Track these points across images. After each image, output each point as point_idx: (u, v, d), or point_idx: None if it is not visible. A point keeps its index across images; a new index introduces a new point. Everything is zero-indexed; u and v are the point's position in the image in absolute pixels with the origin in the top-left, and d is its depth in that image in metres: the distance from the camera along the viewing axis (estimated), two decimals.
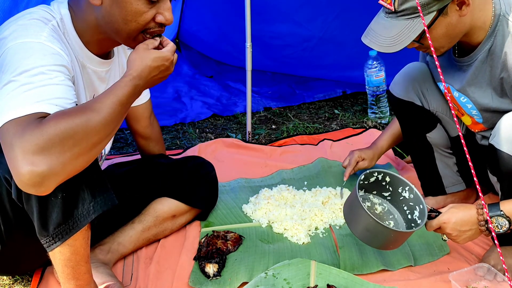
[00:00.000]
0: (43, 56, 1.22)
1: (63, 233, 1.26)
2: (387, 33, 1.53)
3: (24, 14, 1.34)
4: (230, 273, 1.70)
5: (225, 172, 2.31)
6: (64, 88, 1.22)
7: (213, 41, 3.89)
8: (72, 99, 1.23)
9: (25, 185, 1.11)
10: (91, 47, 1.44)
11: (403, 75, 1.92)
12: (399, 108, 1.96)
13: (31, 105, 1.14)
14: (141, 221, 1.82)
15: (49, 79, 1.19)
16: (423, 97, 1.89)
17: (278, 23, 3.40)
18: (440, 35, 1.54)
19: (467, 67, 1.66)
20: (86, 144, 1.15)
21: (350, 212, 1.62)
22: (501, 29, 1.54)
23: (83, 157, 1.17)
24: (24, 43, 1.23)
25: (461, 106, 1.76)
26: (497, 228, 1.46)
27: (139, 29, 1.35)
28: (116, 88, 1.26)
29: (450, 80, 1.74)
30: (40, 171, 1.08)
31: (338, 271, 1.66)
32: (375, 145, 2.15)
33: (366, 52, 2.94)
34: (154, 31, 1.37)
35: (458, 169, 2.01)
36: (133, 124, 1.90)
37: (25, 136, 1.09)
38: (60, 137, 1.10)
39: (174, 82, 3.59)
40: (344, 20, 3.18)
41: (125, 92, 1.26)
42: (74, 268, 1.33)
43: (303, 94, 3.43)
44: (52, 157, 1.09)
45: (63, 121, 1.12)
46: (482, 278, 1.59)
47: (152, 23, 1.36)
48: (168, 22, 1.37)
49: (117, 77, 1.66)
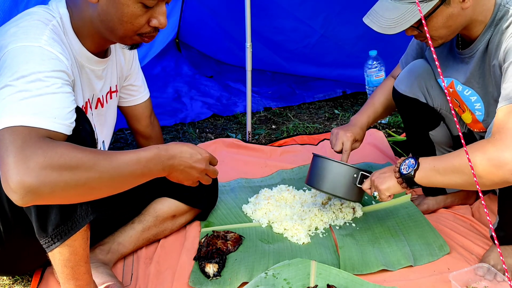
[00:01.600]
0: (41, 61, 1.21)
1: (62, 234, 1.26)
2: (389, 15, 1.55)
3: (24, 15, 1.34)
4: (230, 273, 1.70)
5: (225, 172, 2.31)
6: (62, 96, 1.20)
7: (213, 39, 3.90)
8: (70, 106, 1.22)
9: (9, 190, 1.09)
10: (88, 46, 1.44)
11: (408, 72, 1.92)
12: (403, 105, 1.95)
13: (28, 116, 1.12)
14: (141, 221, 1.82)
15: (46, 87, 1.18)
16: (428, 94, 1.89)
17: (280, 18, 3.40)
18: (440, 24, 1.55)
19: (469, 58, 1.66)
20: (84, 184, 1.13)
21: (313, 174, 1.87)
22: (499, 18, 1.54)
23: (75, 193, 1.15)
24: (24, 46, 1.22)
25: (464, 101, 1.75)
26: (405, 169, 1.55)
27: (134, 30, 1.36)
28: (141, 149, 1.27)
29: (455, 73, 1.74)
30: (29, 184, 1.06)
31: (338, 271, 1.66)
32: (360, 122, 2.01)
33: (366, 52, 2.95)
34: (148, 35, 1.40)
35: None
36: (133, 123, 1.90)
37: (25, 150, 1.08)
38: (61, 166, 1.09)
39: (174, 82, 3.59)
40: (345, 18, 3.18)
41: (147, 155, 1.25)
42: (73, 269, 1.33)
43: (303, 94, 3.44)
44: (46, 179, 1.08)
45: (71, 153, 1.11)
46: (482, 278, 1.59)
47: (146, 26, 1.37)
48: (162, 26, 1.38)
49: (114, 75, 1.66)
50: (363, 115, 2.02)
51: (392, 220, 1.97)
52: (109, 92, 1.65)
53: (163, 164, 1.30)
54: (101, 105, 1.62)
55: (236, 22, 2.96)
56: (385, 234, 1.89)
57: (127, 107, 1.85)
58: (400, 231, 1.89)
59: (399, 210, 2.02)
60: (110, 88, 1.65)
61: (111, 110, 1.70)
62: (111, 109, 1.70)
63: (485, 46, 1.59)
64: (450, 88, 1.77)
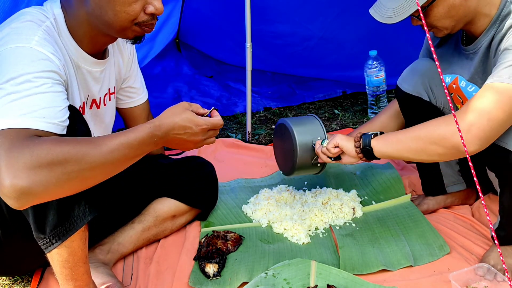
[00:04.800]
0: (31, 62, 1.20)
1: (60, 235, 1.26)
2: (391, 4, 1.57)
3: (18, 16, 1.33)
4: (230, 273, 1.70)
5: (225, 172, 2.31)
6: (52, 95, 1.19)
7: (214, 39, 3.89)
8: (61, 105, 1.21)
9: (3, 195, 1.09)
10: (84, 46, 1.43)
11: (411, 70, 1.92)
12: (407, 104, 1.95)
13: (16, 118, 1.12)
14: (141, 221, 1.82)
15: (35, 87, 1.17)
16: (431, 92, 1.88)
17: (278, 23, 3.40)
18: (441, 14, 1.56)
19: (473, 55, 1.66)
20: (77, 177, 1.12)
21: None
22: (505, 15, 1.54)
23: (69, 187, 1.14)
24: (15, 48, 1.22)
25: (467, 97, 1.74)
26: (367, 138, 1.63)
27: (130, 20, 1.34)
28: (131, 130, 1.23)
29: (459, 69, 1.73)
30: (20, 187, 1.06)
31: (338, 271, 1.66)
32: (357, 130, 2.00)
33: (366, 52, 2.95)
34: (148, 24, 1.37)
35: (459, 169, 2.01)
36: (130, 124, 1.89)
37: (13, 152, 1.07)
38: (50, 163, 1.08)
39: (174, 82, 3.59)
40: (344, 20, 3.18)
41: (138, 136, 1.22)
42: (72, 269, 1.33)
43: (303, 94, 3.43)
44: (37, 178, 1.07)
45: (57, 147, 1.09)
46: (482, 278, 1.59)
47: (143, 14, 1.35)
48: (159, 11, 1.36)
49: (113, 77, 1.65)
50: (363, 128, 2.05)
51: (392, 220, 1.97)
52: (108, 94, 1.64)
53: (157, 142, 1.27)
54: (96, 106, 1.60)
55: (236, 22, 2.96)
56: (385, 234, 1.88)
57: (125, 108, 1.84)
58: (400, 231, 1.89)
59: (399, 210, 2.02)
60: (109, 90, 1.64)
61: (108, 112, 1.69)
62: (109, 110, 1.69)
63: (488, 43, 1.59)
64: (454, 84, 1.77)
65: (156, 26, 1.45)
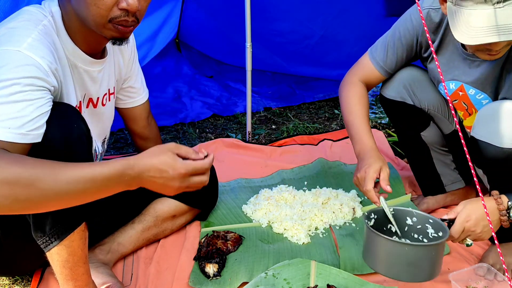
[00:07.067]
0: (14, 68, 1.16)
1: (59, 233, 1.26)
2: None
3: (16, 15, 1.32)
4: (230, 273, 1.70)
5: (225, 172, 2.31)
6: (23, 104, 1.14)
7: (214, 39, 3.90)
8: (33, 114, 1.15)
9: None
10: (80, 45, 1.41)
11: (391, 78, 1.92)
12: (391, 109, 1.96)
13: None
14: (141, 221, 1.82)
15: (9, 95, 1.13)
16: (414, 96, 1.89)
17: (279, 21, 3.41)
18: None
19: (481, 62, 1.64)
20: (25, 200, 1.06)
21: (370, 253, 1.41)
22: None
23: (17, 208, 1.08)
24: (4, 51, 1.19)
25: (474, 104, 1.74)
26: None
27: (102, 15, 1.29)
28: (101, 163, 1.13)
29: (463, 76, 1.71)
30: None
31: (338, 271, 1.66)
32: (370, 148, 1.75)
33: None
34: (120, 20, 1.30)
35: (455, 167, 2.01)
36: (130, 124, 1.89)
37: None
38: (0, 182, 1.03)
39: (174, 82, 3.59)
40: (345, 19, 3.19)
41: (105, 172, 1.11)
42: (72, 269, 1.33)
43: (303, 94, 3.44)
44: None
45: (11, 167, 1.04)
46: (482, 278, 1.59)
47: (116, 10, 1.29)
48: (131, 8, 1.29)
49: (112, 77, 1.64)
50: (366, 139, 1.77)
51: None
52: (107, 94, 1.63)
53: (129, 182, 1.16)
54: (93, 105, 1.58)
55: (236, 23, 2.96)
56: None
57: (125, 108, 1.83)
58: None
59: None
60: (109, 90, 1.63)
61: (107, 112, 1.68)
62: (108, 110, 1.68)
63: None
64: (460, 91, 1.75)
65: (156, 26, 1.43)
